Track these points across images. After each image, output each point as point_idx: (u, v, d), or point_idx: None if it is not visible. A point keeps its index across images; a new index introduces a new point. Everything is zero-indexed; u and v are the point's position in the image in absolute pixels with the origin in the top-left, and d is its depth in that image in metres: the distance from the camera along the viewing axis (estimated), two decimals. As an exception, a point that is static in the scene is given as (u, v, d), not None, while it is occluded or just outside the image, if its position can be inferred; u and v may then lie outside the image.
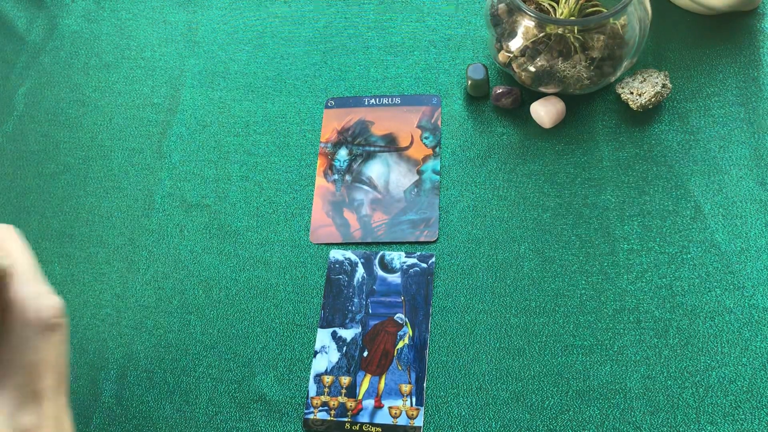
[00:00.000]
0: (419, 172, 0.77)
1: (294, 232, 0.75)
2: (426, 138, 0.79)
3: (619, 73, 0.77)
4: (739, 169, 0.74)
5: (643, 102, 0.76)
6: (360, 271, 0.72)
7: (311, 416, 0.66)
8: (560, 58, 0.74)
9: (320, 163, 0.79)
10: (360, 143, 0.80)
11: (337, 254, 0.73)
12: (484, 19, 0.80)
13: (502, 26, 0.77)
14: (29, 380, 0.44)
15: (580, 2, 0.76)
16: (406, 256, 0.72)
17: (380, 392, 0.66)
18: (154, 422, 0.67)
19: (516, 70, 0.77)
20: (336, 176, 0.78)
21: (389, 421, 0.65)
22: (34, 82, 0.87)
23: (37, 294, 0.45)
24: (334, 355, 0.68)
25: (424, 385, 0.66)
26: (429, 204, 0.75)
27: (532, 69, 0.76)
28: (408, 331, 0.69)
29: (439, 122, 0.80)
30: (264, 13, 0.90)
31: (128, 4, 0.93)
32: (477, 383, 0.66)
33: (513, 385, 0.66)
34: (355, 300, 0.71)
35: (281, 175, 0.78)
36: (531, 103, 0.79)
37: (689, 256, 0.70)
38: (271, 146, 0.80)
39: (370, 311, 0.70)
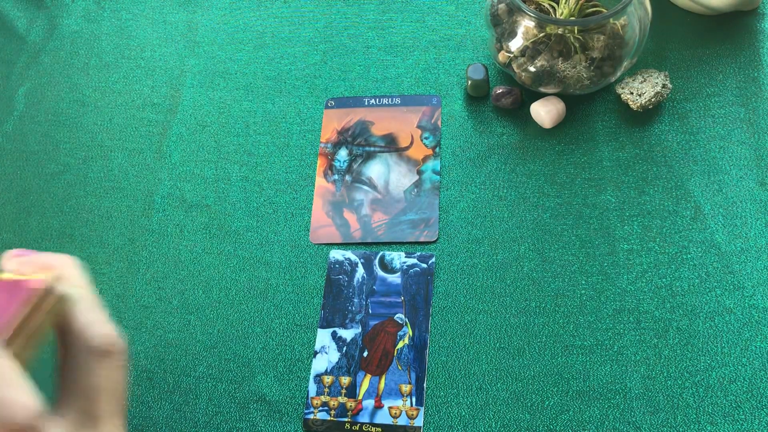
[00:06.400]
0: (419, 172, 0.77)
1: (294, 232, 0.75)
2: (426, 138, 0.79)
3: (619, 73, 0.77)
4: (739, 169, 0.74)
5: (643, 102, 0.76)
6: (360, 272, 0.72)
7: (311, 416, 0.66)
8: (560, 58, 0.74)
9: (320, 164, 0.79)
10: (360, 143, 0.80)
11: (337, 254, 0.73)
12: (484, 19, 0.80)
13: (502, 26, 0.77)
14: (88, 404, 0.47)
15: (580, 2, 0.76)
16: (406, 256, 0.72)
17: (380, 392, 0.66)
18: (154, 422, 0.66)
19: (516, 70, 0.77)
20: (336, 176, 0.78)
21: (389, 421, 0.65)
22: (34, 82, 0.87)
23: (93, 321, 0.49)
24: (334, 355, 0.68)
25: (424, 385, 0.66)
26: (429, 204, 0.75)
27: (532, 69, 0.75)
28: (408, 331, 0.69)
29: (439, 122, 0.80)
30: (264, 13, 0.90)
31: (128, 4, 0.93)
32: (477, 383, 0.66)
33: (513, 385, 0.66)
34: (355, 300, 0.71)
35: (281, 175, 0.78)
36: (531, 103, 0.79)
37: (689, 256, 0.70)
38: (271, 146, 0.80)
39: (370, 311, 0.70)
